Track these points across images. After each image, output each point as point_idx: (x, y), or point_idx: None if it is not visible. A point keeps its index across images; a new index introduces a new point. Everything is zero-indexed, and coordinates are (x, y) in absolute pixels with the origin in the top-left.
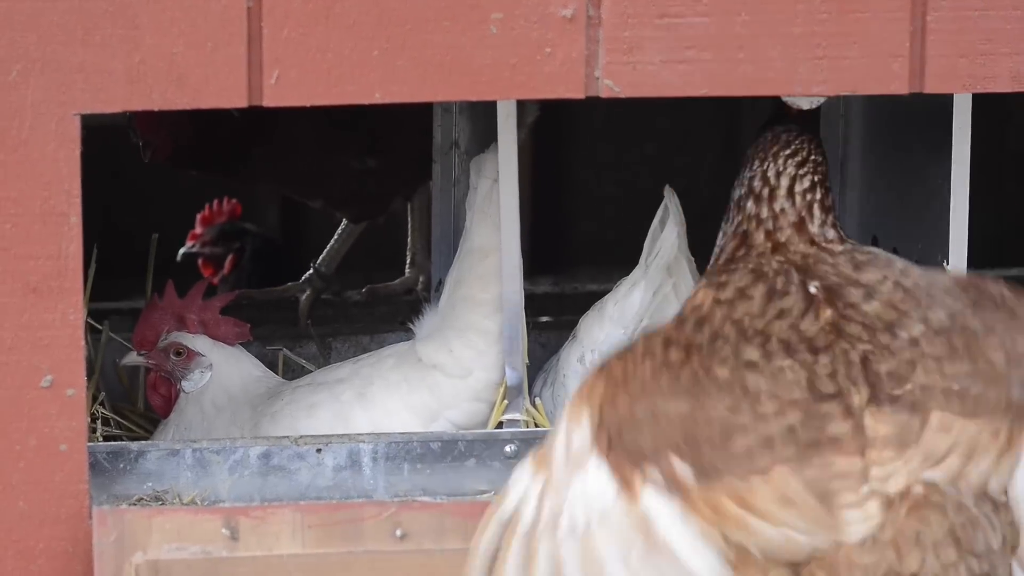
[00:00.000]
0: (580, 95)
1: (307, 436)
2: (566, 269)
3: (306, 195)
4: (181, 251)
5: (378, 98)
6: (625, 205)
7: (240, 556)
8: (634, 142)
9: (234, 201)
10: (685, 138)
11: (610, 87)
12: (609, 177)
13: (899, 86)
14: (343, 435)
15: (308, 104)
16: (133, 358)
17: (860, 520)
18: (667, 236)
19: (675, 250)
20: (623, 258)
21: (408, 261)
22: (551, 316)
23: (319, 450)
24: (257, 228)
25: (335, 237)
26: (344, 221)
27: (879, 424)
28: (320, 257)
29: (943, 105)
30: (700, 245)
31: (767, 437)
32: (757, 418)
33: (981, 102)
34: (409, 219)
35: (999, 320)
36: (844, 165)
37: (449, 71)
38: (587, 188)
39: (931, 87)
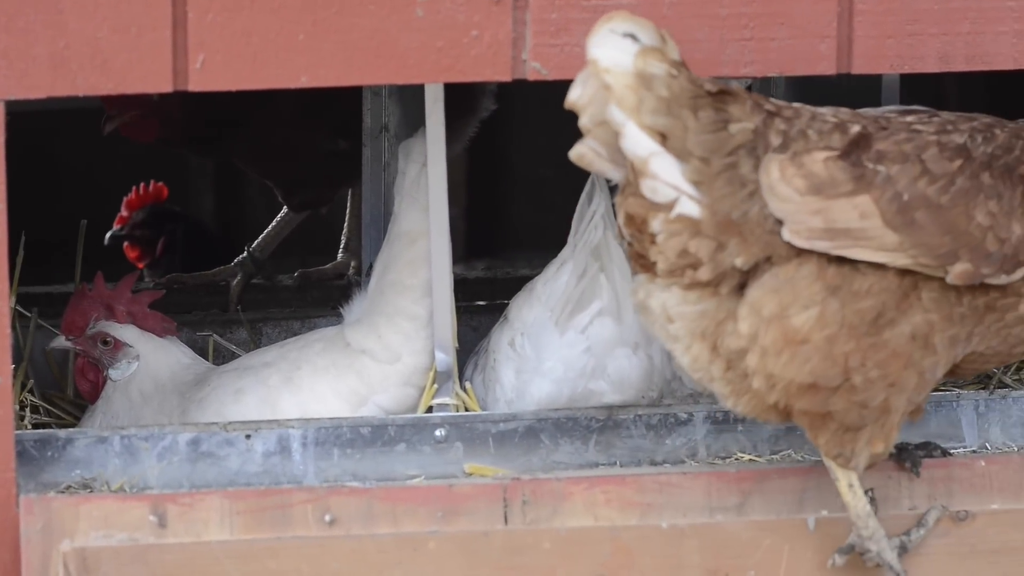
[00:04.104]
0: (507, 78)
1: (236, 422)
2: (502, 253)
3: (267, 172)
4: (108, 234)
5: (304, 82)
6: (561, 188)
7: (168, 543)
8: (570, 124)
9: (160, 184)
10: None
11: (537, 69)
12: (545, 160)
13: (827, 67)
14: (272, 421)
15: (234, 88)
16: (61, 342)
17: None
18: (593, 210)
19: (601, 223)
20: (559, 241)
21: (342, 245)
22: (484, 300)
23: (248, 436)
24: (186, 212)
25: (273, 223)
26: (284, 208)
27: None
28: (256, 241)
29: (872, 86)
30: None
31: None
32: None
33: (917, 84)
34: (349, 204)
35: None
36: None
37: (375, 55)
38: (523, 171)
39: (859, 68)
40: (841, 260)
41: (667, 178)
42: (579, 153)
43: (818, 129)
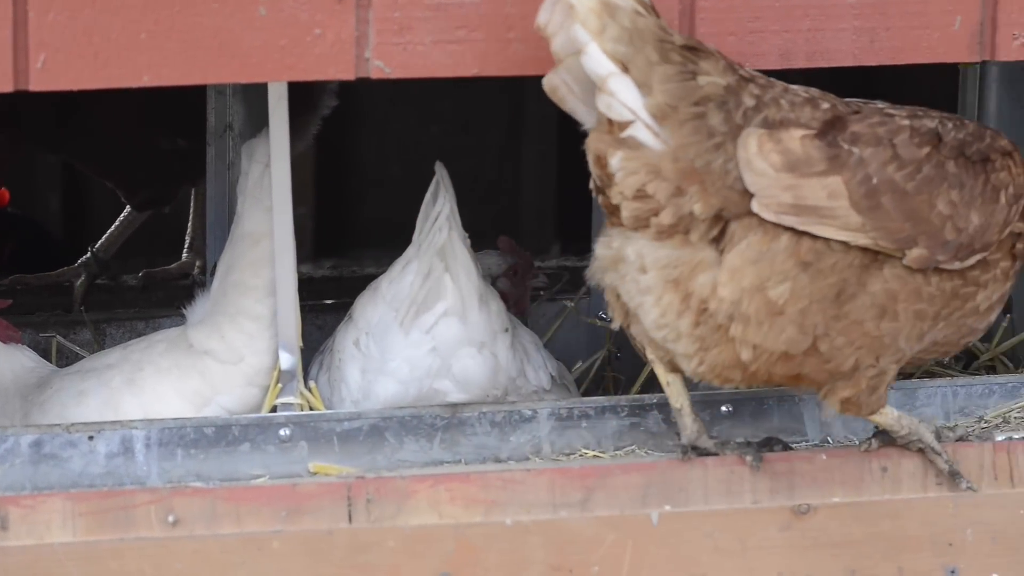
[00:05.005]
0: (351, 76)
1: (79, 423)
2: (350, 251)
3: (106, 173)
4: None
5: (146, 81)
6: (409, 187)
7: (10, 546)
8: (419, 124)
9: (2, 189)
10: (470, 120)
11: (381, 68)
12: (393, 158)
13: None
14: (116, 422)
15: (76, 88)
16: None
17: None
18: (438, 210)
19: (446, 224)
20: (408, 240)
21: (186, 245)
22: (331, 299)
23: (91, 437)
24: (28, 214)
25: (116, 223)
26: (127, 208)
27: None
28: (99, 241)
29: None
30: (485, 222)
31: None
32: None
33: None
34: (192, 203)
35: None
36: None
37: (218, 54)
38: (372, 170)
39: None
40: (813, 236)
41: (624, 99)
42: (552, 85)
43: (790, 100)
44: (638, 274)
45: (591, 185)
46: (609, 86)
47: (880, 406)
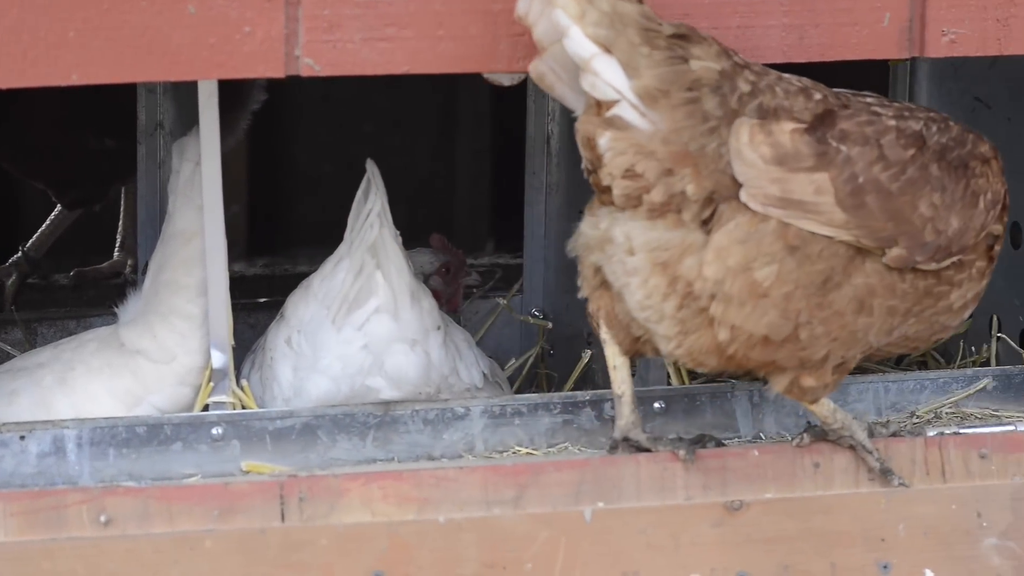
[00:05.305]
0: (281, 74)
1: (10, 423)
2: (284, 250)
3: (33, 173)
4: None
5: (75, 80)
6: (343, 184)
7: None
8: (351, 121)
9: None
10: (402, 117)
11: (310, 66)
12: (326, 156)
13: None
14: (47, 421)
15: (4, 87)
16: None
17: None
18: (369, 208)
19: (377, 221)
20: (341, 238)
21: (118, 243)
22: (264, 297)
23: (23, 437)
24: None
25: (47, 222)
26: (58, 206)
27: None
28: (30, 240)
29: None
30: (418, 220)
31: None
32: None
33: None
34: (122, 202)
35: None
36: (549, 141)
37: (147, 52)
38: (305, 168)
39: None
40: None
41: (608, 78)
42: (539, 72)
43: (784, 88)
44: (625, 256)
45: (582, 167)
46: (593, 66)
47: (825, 395)
